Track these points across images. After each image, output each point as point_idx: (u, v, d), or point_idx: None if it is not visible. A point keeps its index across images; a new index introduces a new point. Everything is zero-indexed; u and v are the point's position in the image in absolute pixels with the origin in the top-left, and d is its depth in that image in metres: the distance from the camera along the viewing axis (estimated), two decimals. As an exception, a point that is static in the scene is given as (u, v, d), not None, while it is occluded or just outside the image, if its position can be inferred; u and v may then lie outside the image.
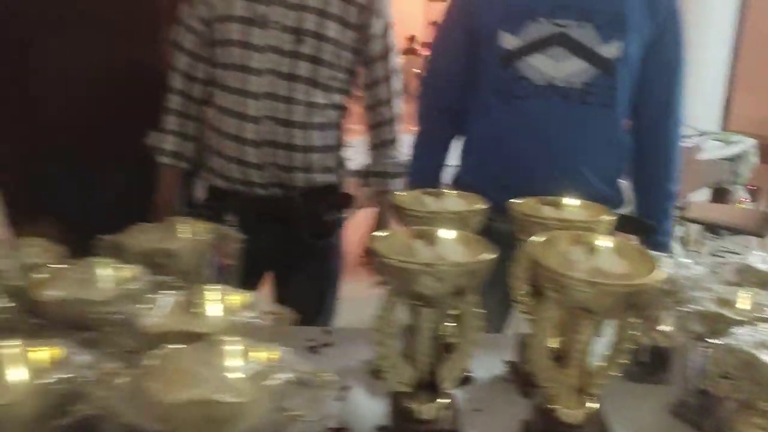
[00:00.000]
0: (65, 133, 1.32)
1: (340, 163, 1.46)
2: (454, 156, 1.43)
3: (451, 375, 0.80)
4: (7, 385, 0.56)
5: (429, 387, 0.81)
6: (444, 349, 0.83)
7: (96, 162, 1.36)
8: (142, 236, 0.95)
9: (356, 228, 1.52)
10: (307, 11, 1.30)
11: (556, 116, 1.24)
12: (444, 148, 1.40)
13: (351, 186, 1.52)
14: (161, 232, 0.97)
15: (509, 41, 1.23)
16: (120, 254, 0.90)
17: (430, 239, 0.79)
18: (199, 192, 1.52)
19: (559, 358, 0.82)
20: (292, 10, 1.29)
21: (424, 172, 1.38)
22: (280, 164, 1.33)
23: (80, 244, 0.91)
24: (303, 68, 1.31)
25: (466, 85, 1.34)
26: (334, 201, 1.46)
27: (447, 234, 0.79)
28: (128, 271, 0.81)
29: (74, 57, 1.30)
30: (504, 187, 1.07)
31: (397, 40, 1.43)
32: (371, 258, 1.27)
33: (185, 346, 0.60)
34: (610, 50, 1.23)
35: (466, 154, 1.39)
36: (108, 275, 0.79)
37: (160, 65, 1.41)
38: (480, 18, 1.27)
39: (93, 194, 1.36)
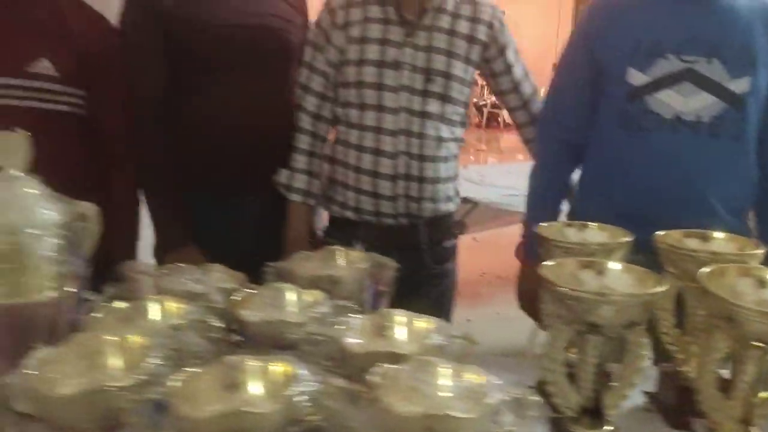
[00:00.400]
0: (217, 167, 1.45)
1: (457, 192, 1.54)
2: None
3: (615, 402, 0.84)
4: (255, 396, 0.63)
5: (592, 413, 0.85)
6: (606, 376, 0.87)
7: (239, 194, 1.48)
8: (308, 264, 1.04)
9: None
10: (435, 52, 1.38)
11: (685, 149, 1.26)
12: (564, 181, 1.44)
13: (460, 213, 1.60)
14: (322, 260, 1.05)
15: (637, 78, 1.27)
16: (288, 280, 0.99)
17: (597, 270, 0.84)
18: (320, 221, 1.62)
19: (723, 389, 0.84)
20: (422, 52, 1.38)
21: (545, 204, 1.42)
22: (411, 196, 1.41)
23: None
24: (433, 105, 1.39)
25: (588, 118, 1.38)
26: (453, 228, 1.53)
27: (614, 265, 0.84)
28: (311, 295, 0.89)
29: (232, 99, 1.43)
30: (628, 217, 1.10)
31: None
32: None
33: (400, 365, 0.66)
34: (739, 85, 1.25)
35: (585, 184, 1.42)
36: (295, 299, 0.87)
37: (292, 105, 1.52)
38: (606, 55, 1.31)
39: (235, 223, 1.47)
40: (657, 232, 1.00)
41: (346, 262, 1.05)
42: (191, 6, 1.39)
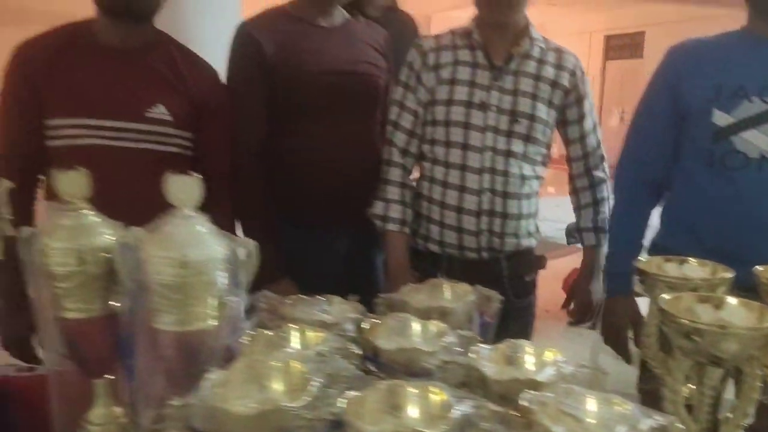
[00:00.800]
0: (310, 203, 1.53)
1: (537, 227, 1.59)
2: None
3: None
4: (420, 418, 0.69)
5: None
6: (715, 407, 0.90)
7: (331, 228, 1.56)
8: (417, 296, 1.10)
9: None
10: (520, 95, 1.46)
11: (771, 187, 1.30)
12: (646, 219, 1.49)
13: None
14: (430, 292, 1.11)
15: (722, 119, 1.32)
16: (399, 311, 1.05)
17: (715, 304, 0.88)
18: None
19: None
20: (508, 95, 1.46)
21: (628, 243, 1.47)
22: (495, 231, 1.47)
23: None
24: (517, 145, 1.46)
25: (671, 158, 1.43)
26: (533, 262, 1.58)
27: (731, 300, 0.88)
28: (434, 326, 0.95)
29: (325, 139, 1.52)
30: (716, 255, 1.13)
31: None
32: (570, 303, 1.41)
33: (546, 392, 0.71)
34: (821, 125, 1.29)
35: (670, 221, 1.47)
36: (420, 329, 0.93)
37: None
38: (690, 99, 1.37)
39: (325, 257, 1.55)
40: (757, 267, 1.04)
41: (454, 294, 1.10)
42: (292, 56, 1.49)
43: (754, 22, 1.36)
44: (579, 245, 1.63)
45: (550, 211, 3.95)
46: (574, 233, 1.63)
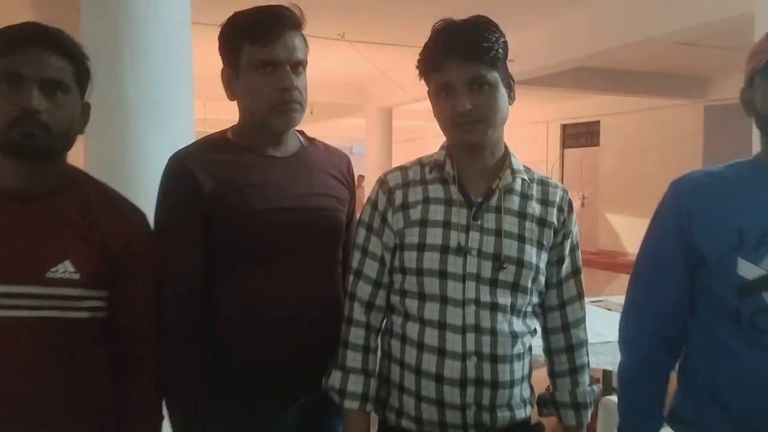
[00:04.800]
0: (252, 369, 1.24)
1: (532, 389, 1.32)
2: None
3: None
4: None
5: None
6: None
7: (278, 401, 1.25)
8: None
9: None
10: (505, 236, 1.22)
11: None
12: (665, 383, 1.24)
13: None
14: None
15: (749, 270, 1.10)
16: None
17: None
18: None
19: None
20: (490, 236, 1.22)
21: (644, 415, 1.21)
22: (483, 404, 1.19)
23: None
24: (504, 296, 1.21)
25: (686, 310, 1.20)
26: (529, 435, 1.30)
27: None
28: None
29: (272, 289, 1.26)
30: (741, 424, 0.90)
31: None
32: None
33: None
34: None
35: (687, 383, 1.22)
36: None
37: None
38: (707, 245, 1.15)
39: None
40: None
41: None
42: (233, 192, 1.24)
43: None
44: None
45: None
46: (548, 404, 1.35)
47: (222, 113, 6.96)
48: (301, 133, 1.41)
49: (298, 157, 1.35)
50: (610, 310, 3.14)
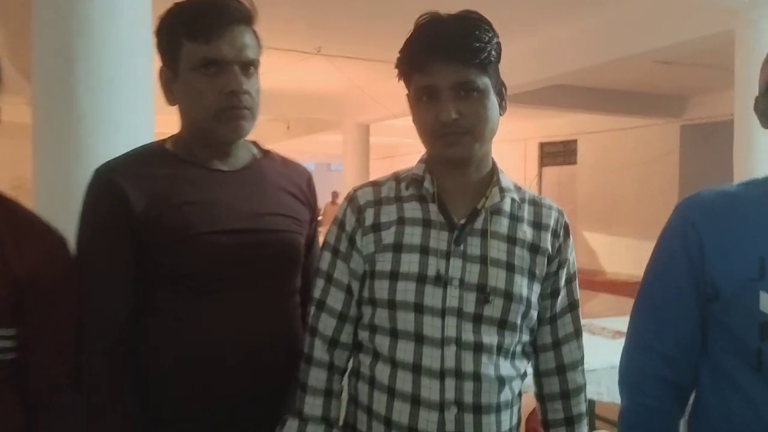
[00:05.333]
0: (191, 418, 1.05)
1: (519, 439, 1.14)
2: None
3: None
4: None
5: None
6: None
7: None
8: None
9: None
10: (492, 264, 1.05)
11: None
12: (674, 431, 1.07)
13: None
14: None
15: (774, 306, 0.95)
16: None
17: None
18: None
19: None
20: (474, 264, 1.05)
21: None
22: (466, 466, 1.01)
23: None
24: (490, 334, 1.04)
25: (698, 350, 1.04)
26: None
27: None
28: None
29: (216, 325, 1.08)
30: None
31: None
32: None
33: None
34: None
35: (700, 433, 1.05)
36: None
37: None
38: (723, 278, 0.98)
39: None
40: None
41: None
42: (171, 212, 1.06)
43: None
44: None
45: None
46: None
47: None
48: (255, 143, 1.23)
49: (250, 171, 1.17)
50: (594, 334, 2.99)
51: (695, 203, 1.06)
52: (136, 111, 2.41)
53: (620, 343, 1.13)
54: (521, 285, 1.06)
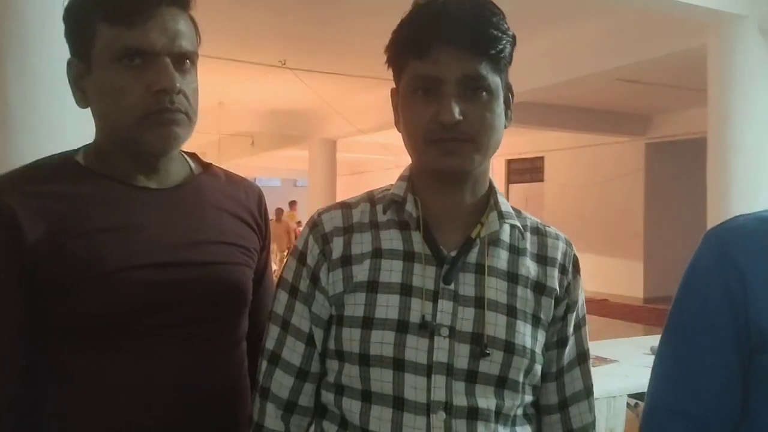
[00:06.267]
0: None
1: None
2: None
3: None
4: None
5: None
6: None
7: None
8: None
9: None
10: (488, 308, 0.85)
11: None
12: None
13: None
14: None
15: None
16: None
17: None
18: None
19: None
20: (467, 308, 0.85)
21: None
22: None
23: None
24: (486, 397, 0.83)
25: (739, 412, 0.86)
26: None
27: None
28: None
29: (139, 384, 0.85)
30: None
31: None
32: None
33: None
34: None
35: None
36: None
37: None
38: (761, 314, 0.81)
39: None
40: None
41: None
42: (79, 239, 0.83)
43: None
44: None
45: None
46: None
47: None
48: (194, 156, 1.01)
49: (185, 189, 0.94)
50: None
51: (732, 231, 0.88)
52: (76, 120, 2.19)
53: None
54: (524, 334, 0.86)
